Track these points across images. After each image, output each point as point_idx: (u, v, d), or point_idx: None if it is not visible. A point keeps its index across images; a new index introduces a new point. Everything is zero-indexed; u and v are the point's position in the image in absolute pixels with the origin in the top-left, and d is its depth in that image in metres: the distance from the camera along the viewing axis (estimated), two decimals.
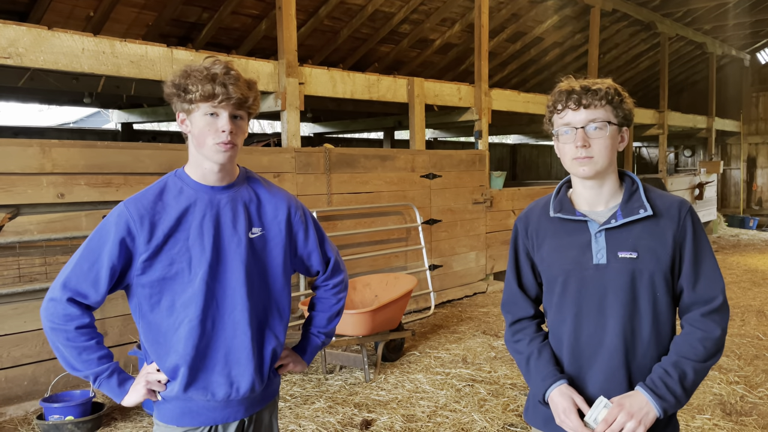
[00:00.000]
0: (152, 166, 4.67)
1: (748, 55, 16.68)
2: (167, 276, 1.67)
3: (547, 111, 1.71)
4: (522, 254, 1.82)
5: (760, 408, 4.01)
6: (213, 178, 1.73)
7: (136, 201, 1.69)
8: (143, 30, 7.14)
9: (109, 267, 1.65)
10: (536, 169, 17.39)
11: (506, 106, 8.66)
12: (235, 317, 1.71)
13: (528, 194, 8.84)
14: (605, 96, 1.61)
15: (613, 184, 1.69)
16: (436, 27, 9.57)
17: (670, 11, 12.13)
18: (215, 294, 1.70)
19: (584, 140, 1.60)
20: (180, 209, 1.69)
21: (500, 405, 4.04)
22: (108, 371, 1.69)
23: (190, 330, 1.67)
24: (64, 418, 3.62)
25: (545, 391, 1.66)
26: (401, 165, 6.78)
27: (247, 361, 1.73)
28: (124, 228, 1.65)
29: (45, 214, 4.20)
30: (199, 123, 1.65)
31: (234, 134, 1.66)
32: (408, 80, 7.18)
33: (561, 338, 1.70)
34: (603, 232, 1.65)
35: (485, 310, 6.85)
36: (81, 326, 1.65)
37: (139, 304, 1.70)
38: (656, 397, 1.56)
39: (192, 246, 1.67)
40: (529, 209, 1.84)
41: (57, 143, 4.29)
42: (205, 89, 1.61)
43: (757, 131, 16.79)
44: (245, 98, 1.66)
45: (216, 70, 1.64)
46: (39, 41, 4.32)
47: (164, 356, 1.71)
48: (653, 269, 1.61)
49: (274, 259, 1.79)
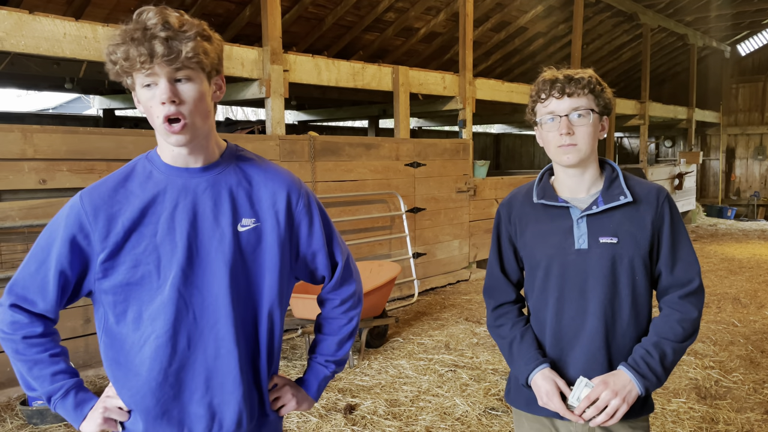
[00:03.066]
0: (135, 153, 4.63)
1: (728, 47, 16.89)
2: (132, 281, 1.34)
3: (530, 101, 1.74)
4: (504, 240, 1.84)
5: (734, 392, 4.12)
6: (183, 160, 1.38)
7: (92, 190, 1.37)
8: (126, 15, 7.01)
9: (57, 271, 1.35)
10: (519, 159, 17.50)
11: (490, 96, 8.70)
12: (218, 332, 1.37)
13: (511, 183, 8.92)
14: (587, 85, 1.65)
15: (594, 171, 1.73)
16: (421, 15, 9.57)
17: (652, 2, 12.24)
18: (190, 303, 1.35)
19: (568, 128, 1.64)
20: (146, 198, 1.35)
21: (482, 389, 4.11)
22: (62, 390, 1.38)
23: (156, 348, 1.34)
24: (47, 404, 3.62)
25: (528, 375, 1.70)
26: (386, 153, 6.81)
27: (234, 387, 1.38)
28: (75, 223, 1.34)
29: (27, 200, 4.17)
30: (142, 98, 1.30)
31: (180, 104, 1.27)
32: (393, 69, 7.19)
33: (543, 322, 1.74)
34: (585, 218, 1.69)
35: (468, 298, 6.93)
36: (30, 336, 1.37)
37: (105, 314, 1.39)
38: (639, 375, 1.61)
39: (160, 243, 1.34)
40: (512, 196, 1.86)
41: (39, 129, 4.25)
42: (128, 54, 1.23)
43: (737, 122, 17.04)
44: (177, 52, 1.24)
45: (139, 23, 1.25)
46: (20, 25, 4.26)
47: (123, 380, 1.38)
48: (632, 253, 1.66)
49: (270, 259, 1.42)
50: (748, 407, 3.89)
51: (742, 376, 4.40)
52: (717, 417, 3.72)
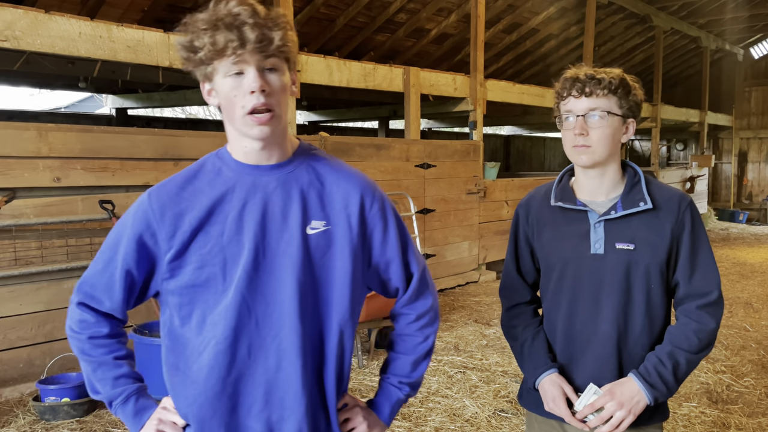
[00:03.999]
0: (148, 152, 4.68)
1: (741, 49, 16.76)
2: (197, 282, 1.28)
3: (555, 97, 1.72)
4: (522, 240, 1.82)
5: (746, 397, 4.09)
6: (256, 157, 1.30)
7: (160, 188, 1.32)
8: (139, 15, 7.10)
9: (123, 270, 1.30)
10: (529, 161, 17.45)
11: (501, 97, 8.69)
12: (281, 342, 1.28)
13: (521, 185, 8.89)
14: (608, 86, 1.61)
15: (614, 174, 1.69)
16: (432, 17, 9.57)
17: (665, 4, 12.17)
18: (253, 309, 1.27)
19: (582, 128, 1.61)
20: (214, 196, 1.29)
21: (491, 391, 4.11)
22: (123, 395, 1.33)
23: (216, 355, 1.26)
24: (60, 400, 3.65)
25: (536, 379, 1.70)
26: (396, 154, 6.81)
27: (294, 403, 1.28)
28: (142, 222, 1.29)
29: (41, 198, 4.21)
30: (223, 88, 1.23)
31: (269, 94, 1.22)
32: (404, 69, 7.19)
33: (555, 325, 1.73)
34: (602, 222, 1.66)
35: (477, 299, 6.92)
36: (95, 336, 1.33)
37: (171, 316, 1.33)
38: (648, 385, 1.59)
39: (227, 245, 1.27)
40: (531, 196, 1.84)
41: (54, 127, 4.29)
42: (216, 40, 1.18)
43: (749, 126, 16.91)
44: (269, 39, 1.20)
45: (229, 9, 1.19)
46: (36, 24, 4.30)
47: (180, 387, 1.31)
48: (649, 261, 1.63)
49: (341, 266, 1.32)
50: (760, 412, 3.86)
51: (754, 381, 4.36)
52: (728, 422, 3.69)
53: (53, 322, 4.28)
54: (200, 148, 5.00)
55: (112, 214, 4.37)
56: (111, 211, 4.37)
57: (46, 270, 4.19)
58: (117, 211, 4.43)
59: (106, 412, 3.79)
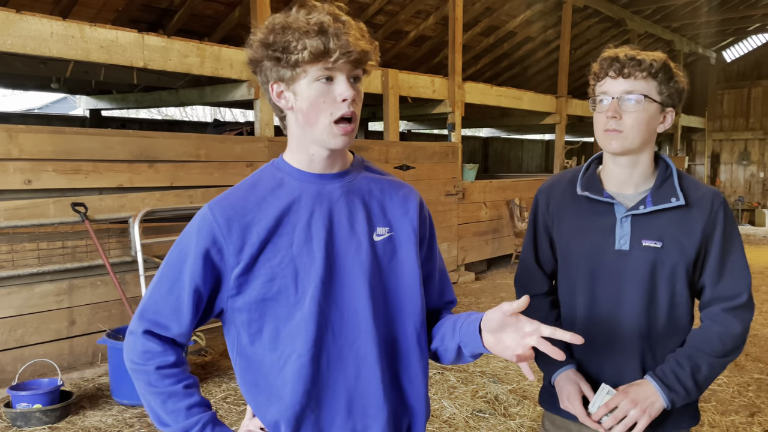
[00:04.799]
0: (122, 153, 4.62)
1: (714, 53, 17.08)
2: (268, 296, 1.25)
3: (591, 79, 1.62)
4: (541, 228, 1.73)
5: (719, 394, 4.16)
6: (321, 165, 1.30)
7: (222, 200, 1.28)
8: (113, 15, 7.00)
9: (192, 290, 1.25)
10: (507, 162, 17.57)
11: (479, 100, 8.74)
12: (359, 350, 1.27)
13: (499, 186, 8.95)
14: (648, 68, 1.50)
15: (646, 166, 1.59)
16: (411, 19, 9.59)
17: (640, 8, 12.35)
18: (330, 319, 1.26)
19: (615, 111, 1.51)
20: (281, 207, 1.27)
21: (469, 392, 4.12)
22: (198, 425, 1.27)
23: (299, 369, 1.24)
24: (31, 406, 3.58)
25: (552, 375, 1.63)
26: (375, 156, 6.81)
27: (377, 411, 1.28)
28: (208, 236, 1.25)
29: (11, 201, 4.12)
30: (309, 93, 1.21)
31: (356, 103, 1.24)
32: (382, 71, 7.20)
33: (573, 321, 1.65)
34: (629, 217, 1.56)
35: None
36: (163, 366, 1.27)
37: (238, 335, 1.30)
38: (665, 387, 1.52)
39: (298, 255, 1.25)
40: (553, 182, 1.74)
41: (24, 128, 4.21)
42: (315, 44, 1.17)
43: (722, 128, 17.23)
44: (365, 51, 1.22)
45: (322, 17, 1.19)
46: (6, 24, 4.22)
47: (265, 405, 1.29)
48: (676, 261, 1.54)
49: (409, 270, 1.33)
50: (733, 410, 3.93)
51: (727, 379, 4.44)
52: (702, 419, 3.75)
53: (24, 327, 4.19)
54: (176, 149, 4.94)
55: (85, 217, 4.29)
56: (83, 213, 4.30)
57: (17, 274, 4.11)
58: (90, 214, 4.35)
59: (79, 418, 3.72)
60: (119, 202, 4.60)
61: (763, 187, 16.71)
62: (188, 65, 5.26)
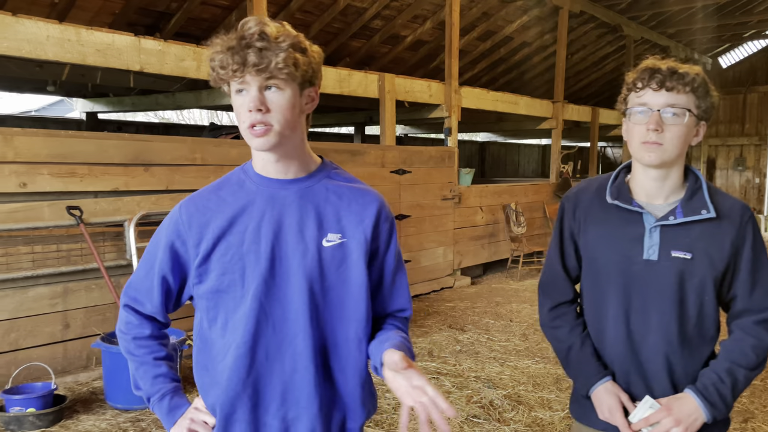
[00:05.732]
0: (117, 157, 4.61)
1: (710, 59, 17.16)
2: (221, 288, 1.38)
3: (625, 89, 1.60)
4: (567, 235, 1.73)
5: None
6: (274, 169, 1.39)
7: (190, 199, 1.44)
8: (110, 18, 7.00)
9: (160, 276, 1.42)
10: (504, 167, 17.61)
11: (475, 104, 8.76)
12: (296, 347, 1.37)
13: (495, 191, 8.97)
14: (691, 83, 1.51)
15: (677, 178, 1.60)
16: (408, 24, 9.61)
17: (636, 14, 12.41)
18: (270, 315, 1.36)
19: (658, 124, 1.50)
20: (236, 208, 1.38)
21: (464, 397, 4.12)
22: (159, 393, 1.44)
23: (236, 359, 1.36)
24: (25, 410, 3.56)
25: (590, 388, 1.63)
26: (371, 160, 6.81)
27: (308, 403, 1.38)
28: (174, 231, 1.41)
29: (6, 204, 4.11)
30: (235, 104, 1.33)
31: (266, 112, 1.29)
32: (379, 76, 7.21)
33: (602, 332, 1.65)
34: (658, 227, 1.57)
35: (452, 305, 6.94)
36: (138, 337, 1.46)
37: (201, 319, 1.44)
38: (707, 403, 1.52)
39: (246, 253, 1.35)
40: (580, 189, 1.74)
41: (19, 131, 4.20)
42: (222, 62, 1.28)
43: (717, 134, 17.30)
44: (267, 61, 1.26)
45: (238, 32, 1.29)
46: (2, 27, 4.22)
47: (208, 387, 1.42)
48: (705, 273, 1.55)
49: (357, 276, 1.39)
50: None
51: None
52: None
53: (18, 331, 4.18)
54: (172, 153, 4.94)
55: (80, 220, 4.28)
56: (78, 217, 4.29)
57: (11, 278, 4.10)
58: (85, 218, 4.35)
59: (73, 422, 3.71)
60: (115, 206, 4.59)
61: (758, 193, 16.77)
62: (185, 69, 5.26)
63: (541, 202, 10.04)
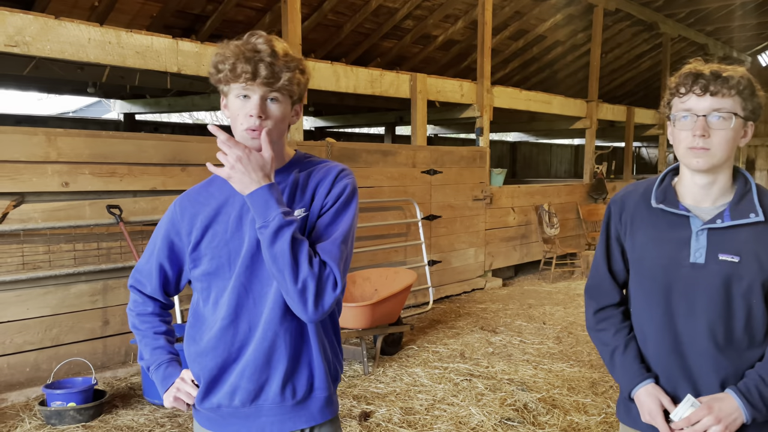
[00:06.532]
0: (156, 157, 4.70)
1: (749, 57, 16.72)
2: (211, 271, 1.56)
3: (667, 93, 1.61)
4: (613, 238, 1.73)
5: None
6: None
7: (185, 194, 1.65)
8: (147, 21, 7.14)
9: (157, 263, 1.63)
10: (536, 167, 17.43)
11: (508, 104, 8.68)
12: (271, 312, 1.53)
13: (527, 192, 8.88)
14: (736, 85, 1.51)
15: (725, 181, 1.59)
16: (439, 23, 9.59)
17: (673, 12, 12.15)
18: (251, 291, 1.54)
19: (704, 129, 1.49)
20: (221, 199, 1.58)
21: (497, 399, 4.09)
22: (155, 363, 1.65)
23: (222, 329, 1.54)
24: (66, 405, 3.66)
25: (632, 389, 1.64)
26: (402, 160, 6.81)
27: (280, 365, 1.55)
28: (170, 222, 1.63)
29: (49, 203, 4.22)
30: (233, 105, 1.50)
31: (265, 119, 1.47)
32: (411, 76, 7.20)
33: (647, 334, 1.66)
34: (705, 230, 1.56)
35: (483, 306, 6.89)
36: (142, 313, 1.68)
37: (197, 300, 1.62)
38: (748, 404, 1.52)
39: (230, 239, 1.54)
40: (626, 192, 1.74)
41: (62, 132, 4.31)
42: (235, 67, 1.45)
43: (756, 134, 16.80)
44: (277, 77, 1.45)
45: (252, 45, 1.46)
46: (46, 30, 4.33)
47: (195, 357, 1.60)
48: (754, 276, 1.53)
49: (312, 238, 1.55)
50: None
51: None
52: None
53: (60, 327, 4.29)
54: (207, 153, 5.02)
55: (120, 219, 4.38)
56: (118, 215, 4.39)
57: (54, 274, 4.21)
58: (124, 216, 4.44)
59: (112, 417, 3.79)
60: (152, 205, 4.68)
61: None
62: None
63: (574, 203, 9.90)
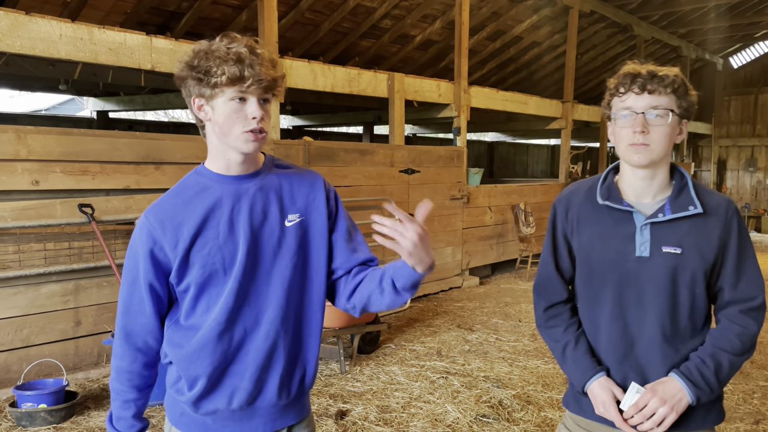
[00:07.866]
0: (129, 155, 4.64)
1: (721, 59, 17.04)
2: (203, 279, 1.52)
3: (607, 94, 1.68)
4: (560, 237, 1.78)
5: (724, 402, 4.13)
6: (237, 169, 1.56)
7: (154, 207, 1.55)
8: (121, 17, 7.05)
9: (147, 285, 1.53)
10: (513, 167, 17.56)
11: (485, 104, 8.74)
12: (270, 314, 1.54)
13: (504, 191, 8.95)
14: (671, 84, 1.58)
15: (664, 176, 1.67)
16: (417, 23, 9.61)
17: (647, 14, 12.34)
18: (249, 292, 1.53)
19: (643, 126, 1.57)
20: (206, 207, 1.52)
21: (473, 396, 4.11)
22: None
23: (220, 334, 1.52)
24: (36, 406, 3.60)
25: (585, 383, 1.68)
26: (380, 160, 6.82)
27: (278, 365, 1.56)
28: (148, 238, 1.51)
29: (19, 201, 4.14)
30: (224, 109, 1.46)
31: (264, 120, 1.49)
32: (388, 75, 7.21)
33: (597, 327, 1.71)
34: (648, 225, 1.63)
35: (460, 305, 6.93)
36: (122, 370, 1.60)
37: (177, 312, 1.57)
38: (690, 384, 1.58)
39: (224, 244, 1.51)
40: (571, 192, 1.80)
41: (33, 129, 4.23)
42: (232, 71, 1.42)
43: (728, 134, 17.18)
44: (274, 79, 1.48)
45: (240, 49, 1.44)
46: (16, 26, 4.25)
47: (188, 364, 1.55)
48: (696, 266, 1.61)
49: (316, 247, 1.60)
50: (738, 417, 3.91)
51: (732, 387, 4.42)
52: None
53: (30, 327, 4.21)
54: (182, 151, 4.97)
55: (92, 218, 4.31)
56: (90, 215, 4.32)
57: (24, 274, 4.13)
58: (96, 215, 4.38)
59: (84, 418, 3.74)
60: (126, 204, 4.62)
61: None
62: None
63: (550, 203, 10.00)
